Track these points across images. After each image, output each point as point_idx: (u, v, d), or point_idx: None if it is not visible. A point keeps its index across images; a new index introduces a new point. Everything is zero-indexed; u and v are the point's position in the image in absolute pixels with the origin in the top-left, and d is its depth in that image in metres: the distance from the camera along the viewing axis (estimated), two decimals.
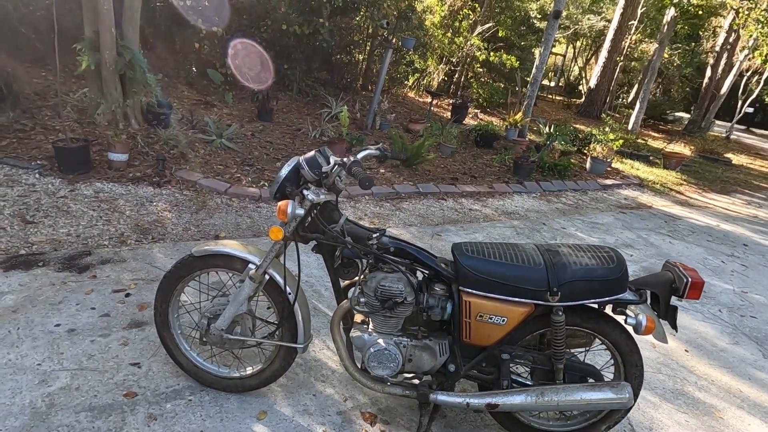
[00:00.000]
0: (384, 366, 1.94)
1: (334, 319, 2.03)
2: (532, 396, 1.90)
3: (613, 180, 7.91)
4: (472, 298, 1.87)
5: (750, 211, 7.89)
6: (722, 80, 15.42)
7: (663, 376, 2.94)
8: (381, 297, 1.88)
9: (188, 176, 4.64)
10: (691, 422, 2.58)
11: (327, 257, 1.98)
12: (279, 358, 2.11)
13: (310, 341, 2.10)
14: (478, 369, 2.01)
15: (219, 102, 7.36)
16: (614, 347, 1.99)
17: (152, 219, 3.81)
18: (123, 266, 3.08)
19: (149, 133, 5.22)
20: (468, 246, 1.94)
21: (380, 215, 4.80)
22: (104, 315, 2.58)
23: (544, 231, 5.19)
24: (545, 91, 17.93)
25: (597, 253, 1.91)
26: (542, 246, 1.99)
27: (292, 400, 2.23)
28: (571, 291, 1.82)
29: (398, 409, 2.27)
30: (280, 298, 2.02)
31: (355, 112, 8.04)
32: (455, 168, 6.86)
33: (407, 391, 2.01)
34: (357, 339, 1.97)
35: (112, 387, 2.12)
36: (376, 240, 1.91)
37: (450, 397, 1.96)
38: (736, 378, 3.08)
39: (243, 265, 2.02)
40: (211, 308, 2.07)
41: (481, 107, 11.58)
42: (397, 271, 1.91)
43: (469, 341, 1.93)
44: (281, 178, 1.86)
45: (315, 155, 1.85)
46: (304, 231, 1.94)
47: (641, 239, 5.49)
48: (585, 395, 1.89)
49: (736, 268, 5.10)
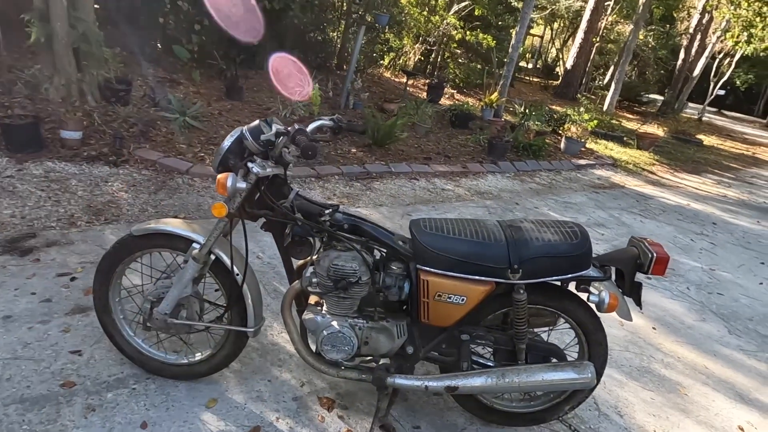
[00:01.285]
0: (338, 349, 1.83)
1: (285, 301, 1.91)
2: (493, 378, 1.82)
3: (587, 160, 7.91)
4: (430, 277, 1.77)
5: (719, 190, 7.99)
6: (695, 62, 15.55)
7: (630, 354, 2.92)
8: (334, 277, 1.77)
9: (147, 155, 4.42)
10: (656, 400, 2.55)
11: (277, 235, 1.86)
12: (229, 342, 1.99)
13: (261, 324, 1.99)
14: (437, 351, 1.92)
15: (186, 80, 7.08)
16: (578, 326, 1.92)
17: (106, 200, 3.61)
18: (70, 249, 2.90)
19: (107, 111, 4.97)
20: (426, 222, 1.84)
21: (350, 195, 4.67)
22: (45, 300, 2.41)
23: (517, 211, 5.13)
24: (523, 72, 17.85)
25: (560, 229, 1.82)
26: (504, 222, 1.89)
27: (246, 386, 2.12)
28: (533, 268, 1.74)
29: (358, 394, 2.18)
30: (228, 280, 1.90)
31: (328, 91, 7.84)
32: (429, 148, 6.74)
33: (363, 375, 1.91)
34: (310, 321, 1.86)
35: (48, 377, 1.97)
36: (328, 216, 1.79)
37: (408, 381, 1.87)
38: (702, 354, 3.07)
39: (187, 244, 1.88)
40: (154, 291, 1.93)
41: (458, 87, 11.45)
42: (351, 249, 1.80)
43: (427, 322, 1.83)
44: (223, 149, 1.72)
45: (259, 124, 1.70)
46: (251, 207, 1.81)
47: (613, 218, 5.48)
48: (547, 376, 1.82)
49: (705, 246, 5.14)
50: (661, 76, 22.06)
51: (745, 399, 2.71)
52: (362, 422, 2.04)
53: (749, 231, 5.96)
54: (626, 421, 2.35)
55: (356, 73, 8.77)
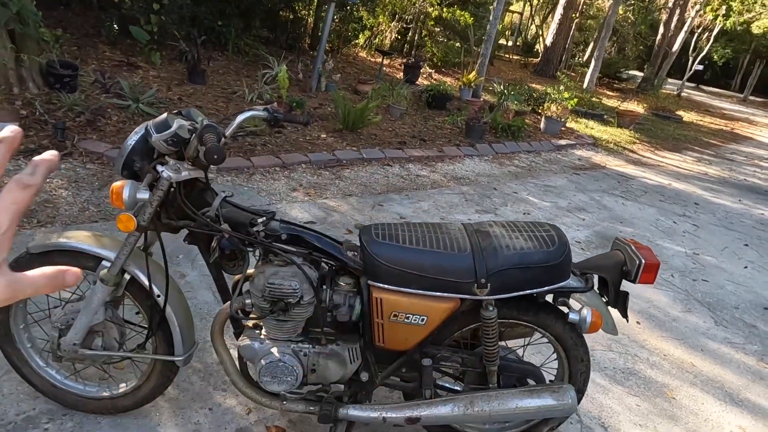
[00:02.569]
0: (280, 381, 1.57)
1: (215, 326, 1.63)
2: (460, 406, 1.58)
3: (567, 140, 7.68)
4: (384, 294, 1.51)
5: (700, 168, 7.86)
6: (674, 37, 15.37)
7: (614, 354, 2.71)
8: (270, 297, 1.49)
9: (94, 147, 4.05)
10: (642, 406, 2.35)
11: (203, 249, 1.57)
12: (155, 373, 1.71)
13: (193, 350, 1.71)
14: (397, 376, 1.67)
15: (145, 63, 6.63)
16: (556, 341, 1.69)
17: (42, 199, 3.26)
18: None
19: (51, 99, 4.56)
20: (378, 229, 1.57)
21: (317, 185, 4.37)
22: None
23: (495, 196, 4.89)
24: (502, 50, 17.50)
25: (534, 233, 1.57)
26: (470, 226, 1.63)
27: (182, 417, 1.85)
28: (503, 281, 1.48)
29: (311, 420, 1.93)
30: (149, 302, 1.61)
31: (298, 73, 7.45)
32: (404, 131, 6.44)
33: (312, 406, 1.65)
34: (246, 349, 1.59)
35: None
36: (262, 226, 1.51)
37: (363, 412, 1.62)
38: (689, 350, 2.89)
39: (96, 262, 1.58)
40: (62, 317, 1.63)
41: (435, 67, 11.09)
42: (291, 263, 1.52)
43: (383, 345, 1.58)
44: (127, 149, 1.42)
45: (167, 118, 1.39)
46: (169, 218, 1.52)
47: (594, 201, 5.28)
48: (521, 403, 1.58)
49: (688, 228, 4.97)
50: (640, 51, 21.90)
51: (735, 400, 2.53)
52: None
53: (731, 210, 5.82)
54: None
55: (328, 54, 8.38)
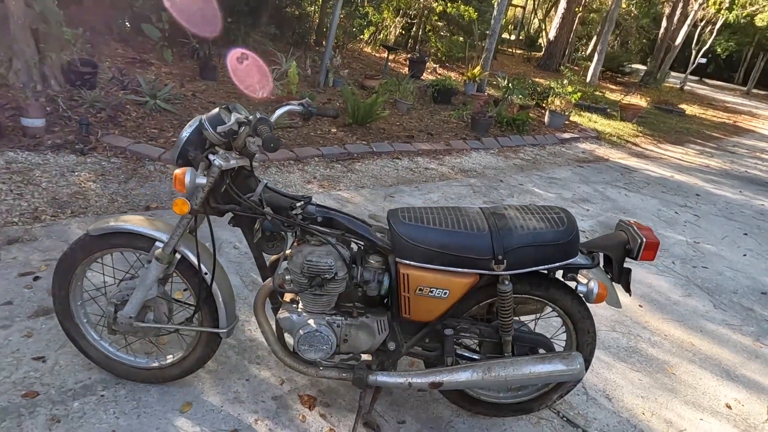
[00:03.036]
0: (316, 349, 1.74)
1: (258, 300, 1.81)
2: (479, 372, 1.75)
3: (571, 133, 7.83)
4: (411, 270, 1.68)
5: (702, 160, 8.00)
6: (677, 31, 15.44)
7: (617, 333, 2.88)
8: (308, 273, 1.67)
9: (116, 142, 4.22)
10: (644, 381, 2.52)
11: (246, 231, 1.74)
12: (201, 344, 1.88)
13: (234, 324, 1.88)
14: (421, 345, 1.85)
15: (157, 60, 6.79)
16: (565, 314, 1.85)
17: (73, 191, 3.44)
18: (33, 246, 2.75)
19: (72, 95, 4.73)
20: (405, 212, 1.73)
21: (330, 178, 4.54)
22: (6, 303, 2.27)
23: (501, 188, 5.05)
24: (505, 44, 17.60)
25: (546, 215, 1.73)
26: (487, 209, 1.80)
27: (222, 387, 2.03)
28: (518, 258, 1.65)
29: (340, 390, 2.10)
30: (196, 279, 1.78)
31: (306, 69, 7.60)
32: (411, 125, 6.60)
33: (344, 373, 1.83)
34: (285, 320, 1.76)
35: (9, 387, 1.85)
36: (300, 209, 1.67)
37: (391, 378, 1.79)
38: (689, 331, 3.05)
39: (149, 243, 1.75)
40: (118, 293, 1.81)
41: (440, 62, 11.23)
42: (326, 243, 1.69)
43: (409, 317, 1.75)
44: (182, 140, 1.59)
45: (219, 113, 1.56)
46: (216, 202, 1.68)
47: (598, 193, 5.43)
48: (534, 368, 1.75)
49: (689, 218, 5.12)
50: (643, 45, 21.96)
51: (731, 376, 2.69)
52: (345, 420, 1.97)
53: (732, 201, 5.97)
54: (615, 404, 2.31)
55: (335, 49, 8.52)
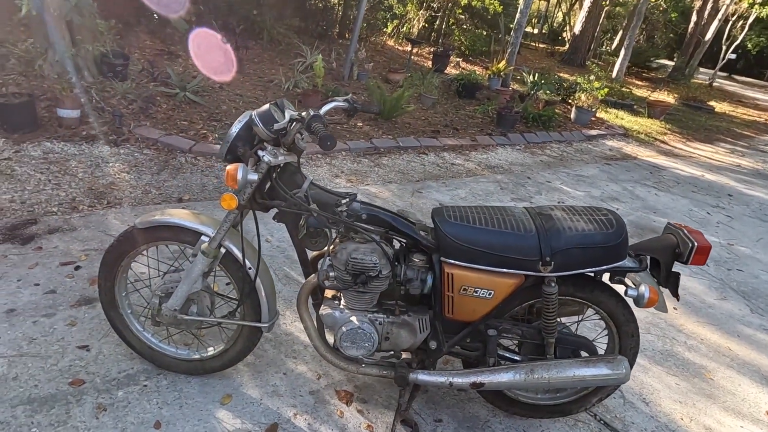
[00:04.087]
0: (358, 346, 1.74)
1: (301, 296, 1.81)
2: (521, 374, 1.74)
3: (597, 130, 7.70)
4: (455, 270, 1.66)
5: (733, 159, 7.81)
6: (708, 25, 15.04)
7: (652, 336, 2.84)
8: (353, 271, 1.67)
9: (148, 133, 4.28)
10: (681, 385, 2.48)
11: (290, 227, 1.74)
12: (242, 338, 1.90)
13: (276, 319, 1.89)
14: (461, 345, 1.84)
15: (184, 52, 6.84)
16: (609, 317, 1.83)
17: (108, 181, 3.49)
18: (73, 235, 2.80)
19: (105, 87, 4.79)
20: (450, 211, 1.72)
21: (358, 172, 4.53)
22: (50, 292, 2.32)
23: (529, 185, 5.00)
24: (528, 38, 17.35)
25: (594, 217, 1.70)
26: (533, 209, 1.77)
27: (260, 380, 2.04)
28: (566, 260, 1.62)
29: (376, 386, 2.11)
30: (240, 274, 1.79)
31: (331, 62, 7.59)
32: (436, 120, 6.55)
33: (384, 371, 1.83)
34: (327, 317, 1.77)
35: (56, 374, 1.90)
36: (345, 206, 1.67)
37: (431, 377, 1.79)
38: (725, 335, 2.99)
39: (195, 237, 1.77)
40: (163, 286, 1.83)
41: (463, 55, 11.12)
42: (371, 240, 1.68)
43: (451, 316, 1.74)
44: (231, 136, 1.59)
45: (269, 109, 1.56)
46: (263, 198, 1.69)
47: (627, 191, 5.34)
48: (578, 371, 1.73)
49: (722, 219, 5.01)
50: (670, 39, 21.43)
51: None
52: (382, 417, 1.97)
53: (766, 202, 5.82)
54: (652, 408, 2.28)
55: (359, 42, 8.49)
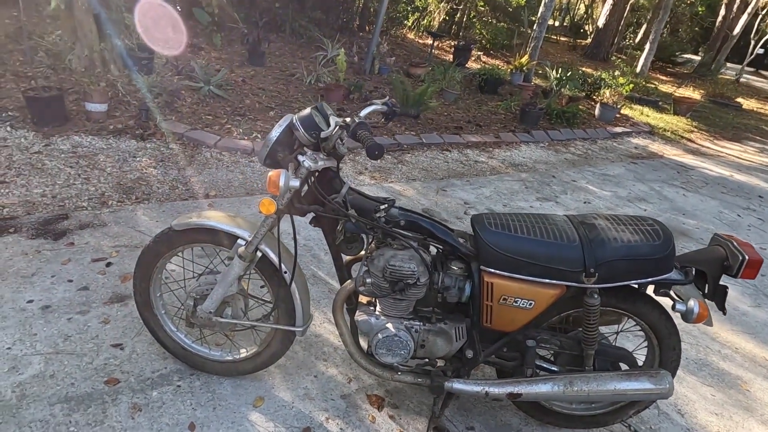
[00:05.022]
0: (394, 353, 1.72)
1: (337, 302, 1.80)
2: (560, 385, 1.70)
3: (622, 127, 7.55)
4: (495, 279, 1.63)
5: (763, 159, 7.60)
6: (736, 19, 14.64)
7: (685, 345, 2.77)
8: (390, 278, 1.64)
9: (174, 128, 4.29)
10: (717, 396, 2.42)
11: (327, 232, 1.72)
12: (276, 341, 1.90)
13: (309, 323, 1.88)
14: (498, 355, 1.81)
15: (206, 45, 6.85)
16: (651, 329, 1.78)
17: (136, 176, 3.51)
18: (103, 231, 2.82)
19: (130, 80, 4.82)
20: (491, 218, 1.68)
21: (381, 169, 4.50)
22: (83, 288, 2.34)
23: (554, 184, 4.92)
24: (549, 31, 17.04)
25: (640, 227, 1.65)
26: (575, 218, 1.73)
27: (292, 383, 2.04)
28: (611, 271, 1.58)
29: (407, 391, 2.09)
30: (275, 277, 1.78)
31: (353, 56, 7.54)
32: (459, 116, 6.48)
33: (419, 378, 1.81)
34: (363, 323, 1.75)
35: (92, 373, 1.91)
36: (383, 212, 1.64)
37: (467, 386, 1.76)
38: (761, 345, 2.91)
39: (230, 240, 1.76)
40: (198, 288, 1.83)
41: (484, 49, 10.97)
42: (409, 247, 1.66)
43: (489, 326, 1.71)
44: (272, 140, 1.57)
45: (311, 113, 1.54)
46: (300, 202, 1.67)
47: (654, 192, 5.23)
48: (619, 385, 1.69)
49: (753, 222, 4.88)
50: (695, 34, 20.90)
51: None
52: (414, 423, 1.96)
53: None
54: (688, 420, 2.23)
55: (380, 35, 8.42)
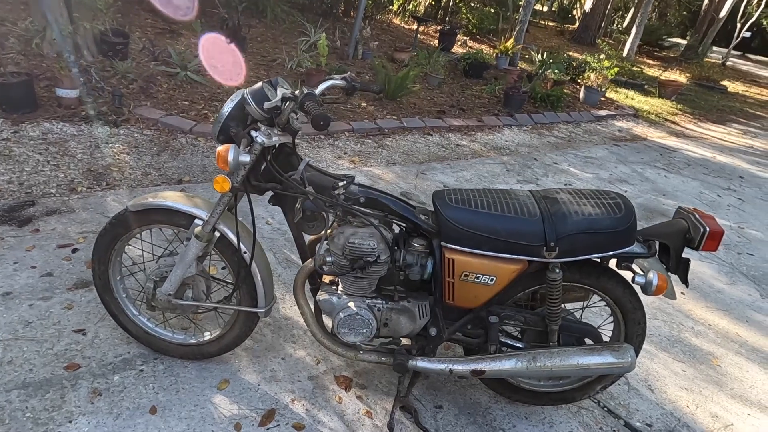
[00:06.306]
0: (356, 332, 1.70)
1: (297, 281, 1.77)
2: (523, 361, 1.69)
3: (607, 110, 7.55)
4: (456, 255, 1.61)
5: (746, 141, 7.64)
6: (722, 2, 14.62)
7: (659, 322, 2.78)
8: (350, 256, 1.61)
9: (149, 114, 4.21)
10: (688, 372, 2.43)
11: (286, 210, 1.69)
12: (239, 323, 1.87)
13: (273, 304, 1.85)
14: (462, 332, 1.79)
15: (186, 30, 6.72)
16: (615, 304, 1.77)
17: (107, 163, 3.45)
18: (71, 217, 2.77)
19: (104, 66, 4.72)
20: (451, 194, 1.66)
21: (361, 153, 4.46)
22: (46, 275, 2.30)
23: (536, 167, 4.90)
24: (537, 16, 16.96)
25: (601, 200, 1.64)
26: (538, 193, 1.71)
27: (258, 365, 2.02)
28: (572, 245, 1.56)
29: (375, 371, 2.08)
30: (235, 258, 1.75)
31: (336, 40, 7.44)
32: (442, 100, 6.43)
33: (383, 357, 1.79)
34: (325, 302, 1.72)
35: (52, 359, 1.88)
36: (342, 189, 1.61)
37: (431, 364, 1.75)
38: (734, 321, 2.93)
39: (188, 220, 1.72)
40: (157, 270, 1.79)
41: (471, 34, 10.88)
42: (369, 225, 1.63)
43: (452, 303, 1.69)
44: (224, 116, 1.53)
45: (262, 87, 1.49)
46: (257, 180, 1.63)
47: (636, 173, 5.24)
48: (582, 360, 1.68)
49: (733, 202, 4.91)
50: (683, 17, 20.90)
51: None
52: (382, 402, 1.94)
53: None
54: (657, 395, 2.24)
55: (364, 21, 8.32)
